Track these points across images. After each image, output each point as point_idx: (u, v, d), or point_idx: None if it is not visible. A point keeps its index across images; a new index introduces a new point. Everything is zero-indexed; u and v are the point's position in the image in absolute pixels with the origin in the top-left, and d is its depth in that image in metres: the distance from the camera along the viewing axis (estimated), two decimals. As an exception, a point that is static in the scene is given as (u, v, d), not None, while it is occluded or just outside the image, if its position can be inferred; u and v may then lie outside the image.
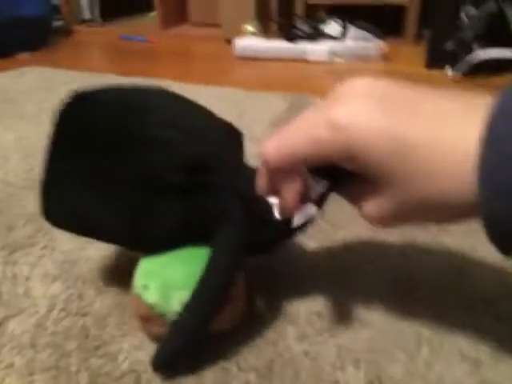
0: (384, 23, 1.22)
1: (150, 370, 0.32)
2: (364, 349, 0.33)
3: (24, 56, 1.36)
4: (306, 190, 0.29)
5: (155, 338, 0.33)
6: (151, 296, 0.30)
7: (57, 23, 1.68)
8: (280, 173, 0.28)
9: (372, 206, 0.27)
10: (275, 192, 0.30)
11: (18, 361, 0.33)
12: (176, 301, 0.30)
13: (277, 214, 0.31)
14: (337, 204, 0.31)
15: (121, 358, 0.33)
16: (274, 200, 0.31)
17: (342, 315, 0.36)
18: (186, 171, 0.31)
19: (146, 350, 0.33)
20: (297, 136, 0.26)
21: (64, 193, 0.34)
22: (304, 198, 0.29)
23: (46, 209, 0.35)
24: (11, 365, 0.33)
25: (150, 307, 0.31)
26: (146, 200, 0.31)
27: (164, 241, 0.32)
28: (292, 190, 0.28)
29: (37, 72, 1.10)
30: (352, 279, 0.40)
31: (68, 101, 0.34)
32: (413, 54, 1.21)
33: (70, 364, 0.33)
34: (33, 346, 0.34)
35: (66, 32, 1.67)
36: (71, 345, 0.34)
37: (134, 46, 1.46)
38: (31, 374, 0.32)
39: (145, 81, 0.99)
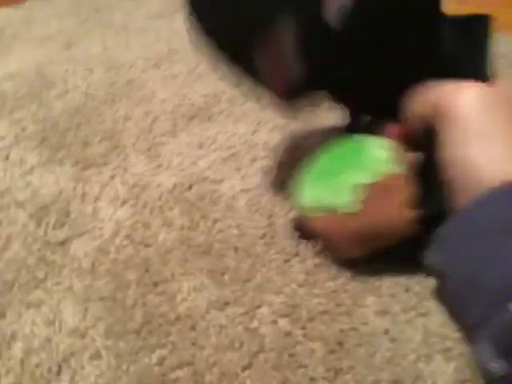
0: None
1: (207, 317, 0.29)
2: (458, 337, 0.27)
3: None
4: None
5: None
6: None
7: None
8: None
9: None
10: None
11: (76, 284, 0.32)
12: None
13: None
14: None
15: (179, 298, 0.31)
16: None
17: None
18: None
19: (206, 294, 0.31)
20: None
21: None
22: None
23: None
24: (69, 288, 0.32)
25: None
26: None
27: None
28: None
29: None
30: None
31: None
32: None
33: (127, 297, 0.31)
34: (92, 271, 0.33)
35: None
36: (130, 276, 0.32)
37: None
38: (87, 301, 0.31)
39: None
